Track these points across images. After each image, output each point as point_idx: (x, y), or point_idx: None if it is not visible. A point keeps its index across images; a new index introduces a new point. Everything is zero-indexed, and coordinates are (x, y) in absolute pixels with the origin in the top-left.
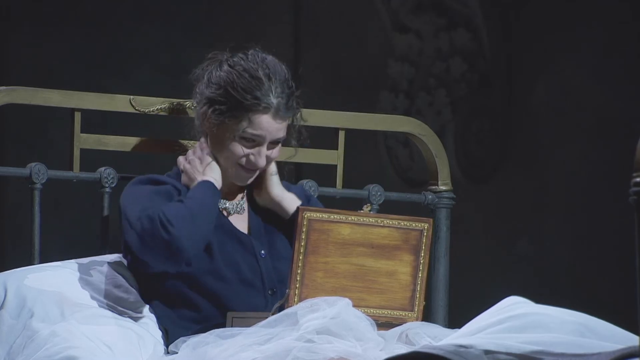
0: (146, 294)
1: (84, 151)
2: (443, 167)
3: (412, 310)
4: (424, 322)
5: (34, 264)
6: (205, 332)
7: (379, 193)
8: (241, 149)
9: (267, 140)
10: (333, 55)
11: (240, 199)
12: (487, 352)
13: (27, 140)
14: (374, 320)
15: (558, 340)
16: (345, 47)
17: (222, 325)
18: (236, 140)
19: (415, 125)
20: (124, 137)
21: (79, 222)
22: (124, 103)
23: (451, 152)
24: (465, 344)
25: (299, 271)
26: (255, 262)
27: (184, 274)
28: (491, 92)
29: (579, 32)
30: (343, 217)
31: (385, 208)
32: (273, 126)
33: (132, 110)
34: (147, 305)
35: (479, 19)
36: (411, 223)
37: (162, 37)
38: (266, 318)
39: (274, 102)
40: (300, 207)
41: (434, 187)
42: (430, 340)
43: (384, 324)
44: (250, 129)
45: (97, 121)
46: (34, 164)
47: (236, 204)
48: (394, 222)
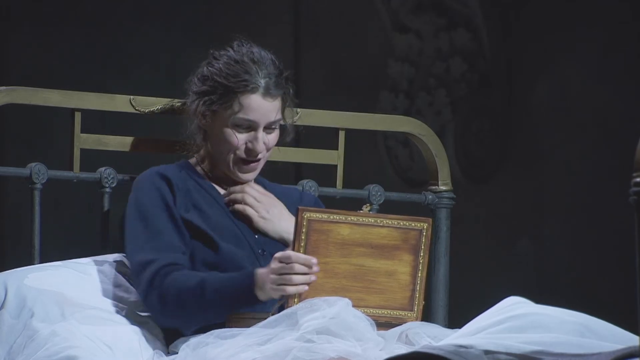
0: None
1: (84, 151)
2: (443, 167)
3: (412, 310)
4: (424, 322)
5: (34, 264)
6: (204, 332)
7: (379, 193)
8: (237, 138)
9: (262, 124)
10: (333, 55)
11: None
12: (487, 352)
13: (27, 140)
14: (374, 320)
15: (558, 340)
16: (345, 47)
17: (222, 325)
18: (231, 128)
19: (415, 125)
20: (124, 137)
21: (79, 222)
22: (124, 103)
23: (451, 152)
24: (465, 344)
25: None
26: (256, 259)
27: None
28: (491, 92)
29: (579, 32)
30: (343, 218)
31: (385, 208)
32: (264, 106)
33: (132, 110)
34: None
35: (479, 19)
36: (410, 223)
37: (162, 37)
38: (265, 318)
39: (262, 82)
40: (300, 208)
41: (434, 187)
42: (430, 340)
43: (383, 324)
44: (242, 114)
45: (97, 121)
46: (34, 164)
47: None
48: (393, 222)
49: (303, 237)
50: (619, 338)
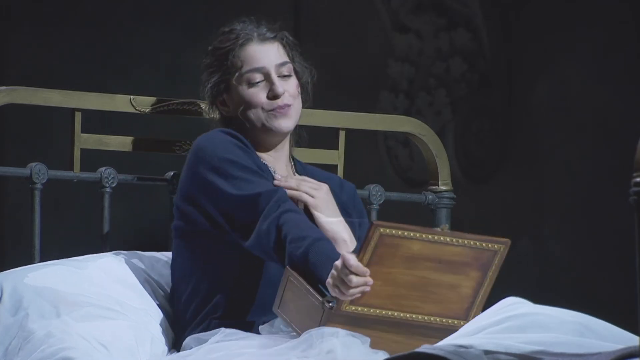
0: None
1: (84, 151)
2: (443, 167)
3: (466, 319)
4: None
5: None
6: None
7: (379, 193)
8: (257, 92)
9: (271, 69)
10: (333, 56)
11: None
12: (487, 352)
13: (27, 140)
14: (425, 325)
15: (558, 340)
16: (345, 47)
17: (249, 325)
18: (247, 87)
19: (415, 125)
20: (124, 137)
21: (79, 222)
22: (124, 103)
23: (451, 152)
24: (465, 344)
25: None
26: None
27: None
28: (491, 92)
29: (579, 32)
30: (418, 235)
31: (385, 208)
32: (265, 51)
33: (132, 110)
34: (147, 301)
35: (479, 19)
36: (487, 244)
37: (162, 37)
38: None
39: (254, 32)
40: (375, 223)
41: (434, 187)
42: None
43: (434, 330)
44: (247, 66)
45: (97, 121)
46: (34, 164)
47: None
48: (469, 242)
49: (369, 249)
50: (619, 338)
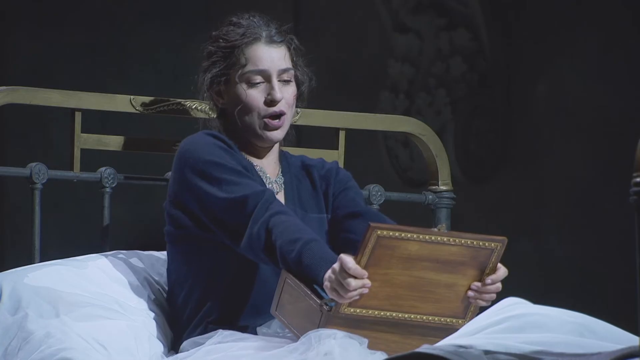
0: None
1: (84, 151)
2: (443, 167)
3: (464, 318)
4: None
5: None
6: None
7: (379, 193)
8: (255, 95)
9: (273, 73)
10: (333, 56)
11: (279, 174)
12: (487, 352)
13: (27, 140)
14: (424, 325)
15: (557, 340)
16: (345, 47)
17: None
18: (247, 87)
19: (415, 125)
20: (124, 137)
21: (79, 222)
22: (124, 103)
23: (451, 152)
24: (464, 344)
25: None
26: None
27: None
28: (491, 92)
29: (578, 32)
30: (415, 236)
31: (385, 208)
32: (270, 54)
33: (132, 110)
34: (146, 301)
35: (479, 19)
36: (484, 242)
37: (162, 37)
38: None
39: (263, 32)
40: (372, 225)
41: (434, 187)
42: None
43: (434, 329)
44: (250, 66)
45: (97, 121)
46: (34, 164)
47: (274, 180)
48: (466, 241)
49: (367, 252)
50: (619, 338)
